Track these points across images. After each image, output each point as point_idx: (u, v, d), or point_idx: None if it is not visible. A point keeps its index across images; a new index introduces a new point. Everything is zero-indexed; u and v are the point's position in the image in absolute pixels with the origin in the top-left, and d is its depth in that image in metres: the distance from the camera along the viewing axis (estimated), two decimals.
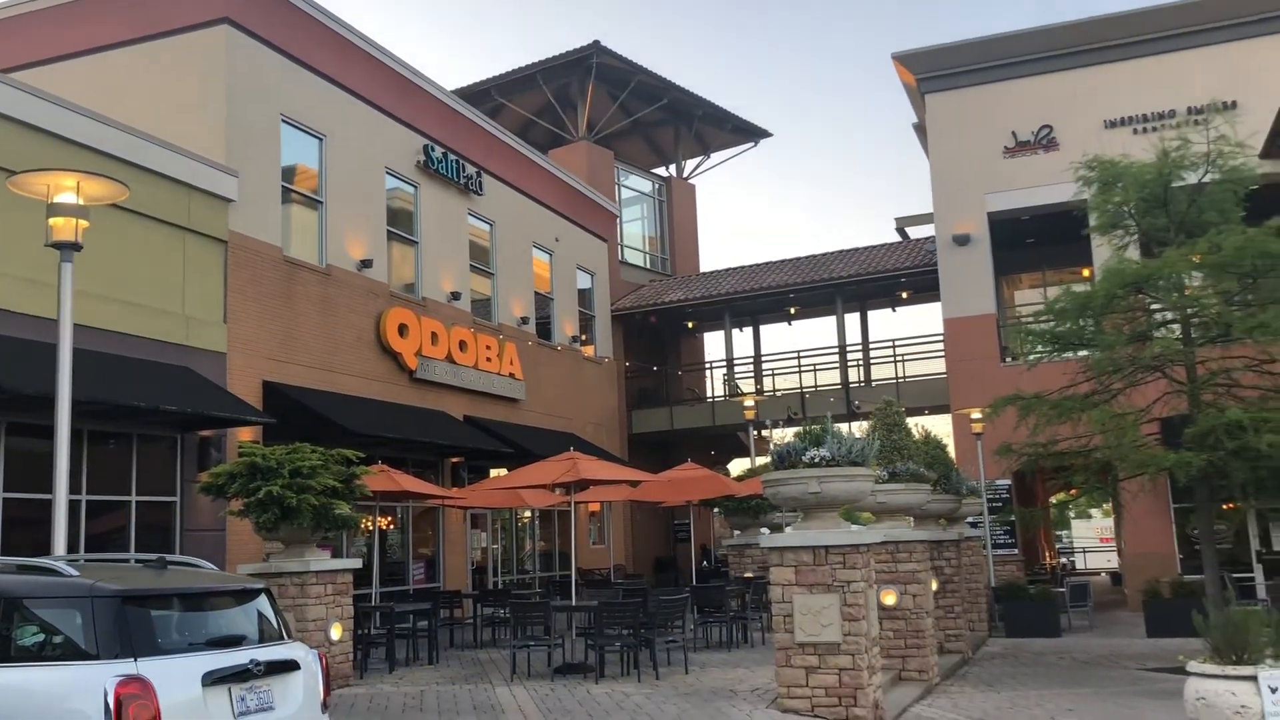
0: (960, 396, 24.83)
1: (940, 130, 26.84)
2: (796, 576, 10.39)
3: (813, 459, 10.14)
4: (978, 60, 26.41)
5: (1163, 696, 11.85)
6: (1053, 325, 15.14)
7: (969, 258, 25.97)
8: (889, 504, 13.13)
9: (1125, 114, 24.80)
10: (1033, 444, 15.06)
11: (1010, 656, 16.37)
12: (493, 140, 26.65)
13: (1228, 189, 14.40)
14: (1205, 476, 13.61)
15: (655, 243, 37.08)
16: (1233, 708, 8.95)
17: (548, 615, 14.24)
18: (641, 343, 34.32)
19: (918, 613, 13.19)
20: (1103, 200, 15.22)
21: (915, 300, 32.20)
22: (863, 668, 10.15)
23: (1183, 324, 14.48)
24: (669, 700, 11.57)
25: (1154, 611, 18.59)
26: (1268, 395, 14.00)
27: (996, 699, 12.18)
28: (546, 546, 28.14)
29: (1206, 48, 24.21)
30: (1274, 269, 13.67)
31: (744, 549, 21.73)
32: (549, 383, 27.48)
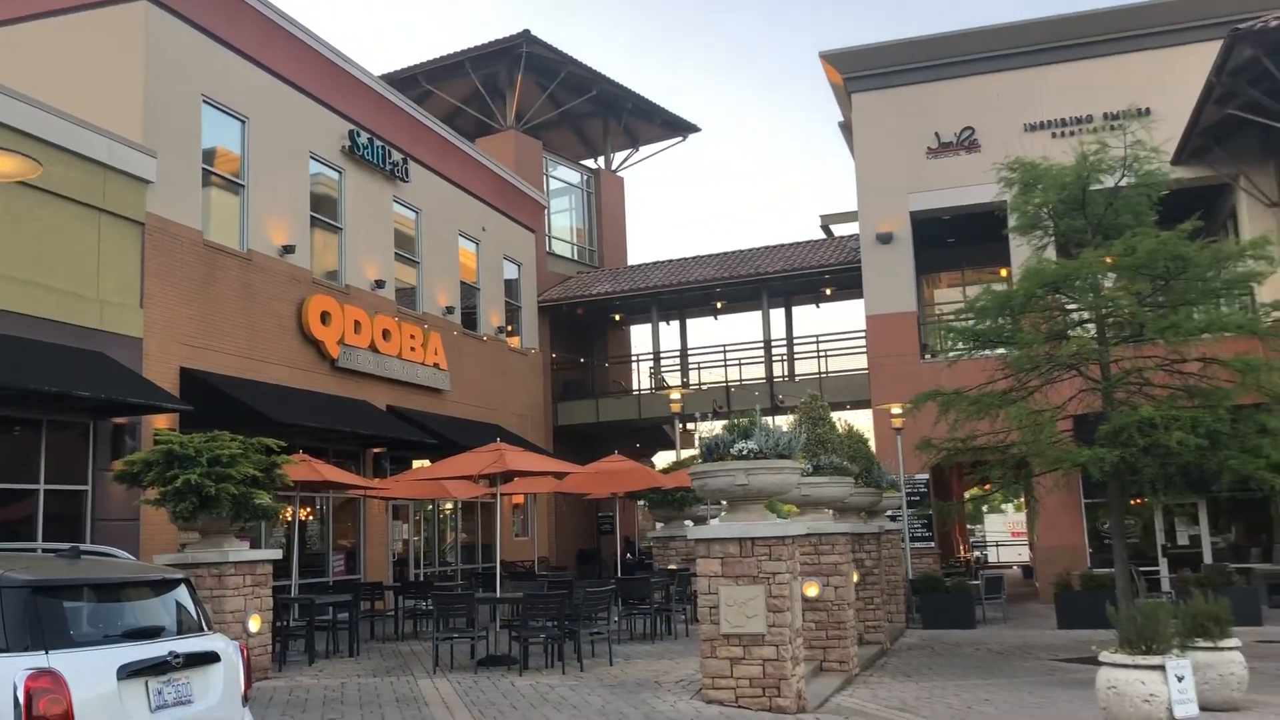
0: (881, 392, 25.22)
1: (865, 129, 27.19)
2: (723, 568, 10.45)
3: (741, 451, 10.20)
4: (903, 61, 26.81)
5: (1075, 686, 12.18)
6: (973, 323, 15.44)
7: (892, 256, 26.37)
8: (813, 497, 13.26)
9: (1045, 118, 25.38)
10: (952, 439, 15.34)
11: (927, 647, 16.67)
12: (420, 127, 26.33)
13: (1142, 193, 14.80)
14: (1117, 472, 14.00)
15: (583, 235, 37.01)
16: (1142, 696, 9.25)
17: (471, 607, 14.13)
18: (568, 335, 34.24)
19: (839, 604, 13.36)
20: (1023, 201, 15.54)
21: (839, 297, 32.60)
22: (786, 658, 10.26)
23: (1098, 324, 14.86)
24: (594, 691, 11.57)
25: (1065, 603, 19.10)
26: (1177, 394, 14.44)
27: (915, 689, 12.40)
28: (469, 539, 27.95)
29: (1123, 55, 24.89)
30: (1185, 272, 14.12)
31: (669, 541, 21.81)
32: (474, 374, 27.27)
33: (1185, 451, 13.00)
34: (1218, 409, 13.57)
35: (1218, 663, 10.55)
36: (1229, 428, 13.47)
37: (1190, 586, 15.53)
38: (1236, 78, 19.60)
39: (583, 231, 37.06)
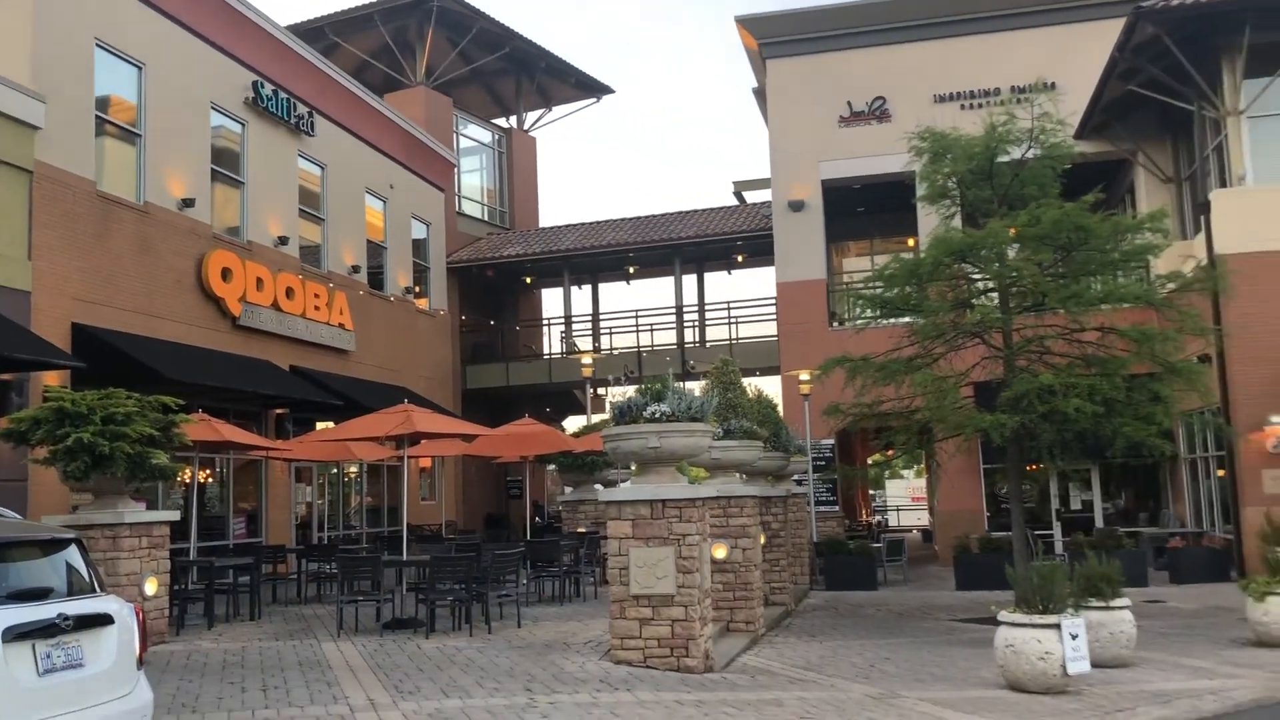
0: (790, 358, 25.48)
1: (779, 96, 27.27)
2: (634, 530, 10.45)
3: (653, 414, 10.19)
4: (818, 28, 26.90)
5: (973, 645, 12.50)
6: (882, 291, 15.62)
7: (803, 224, 26.57)
8: (723, 460, 13.33)
9: (954, 89, 25.74)
10: (859, 404, 15.55)
11: (831, 608, 16.98)
12: (327, 80, 25.62)
13: (1047, 165, 15.09)
14: (1017, 438, 14.35)
15: (494, 195, 36.53)
16: (1038, 654, 9.52)
17: (377, 570, 13.93)
18: (478, 297, 33.85)
19: (747, 566, 13.49)
20: (932, 171, 15.72)
21: (750, 264, 32.80)
22: (695, 619, 10.32)
23: (1001, 293, 15.15)
24: (501, 654, 11.51)
25: (963, 566, 19.61)
26: (1075, 363, 14.82)
27: (819, 648, 12.60)
28: (375, 502, 27.57)
29: (1030, 30, 25.33)
30: (1086, 243, 14.45)
31: (578, 505, 21.79)
32: (380, 335, 26.80)
33: (1082, 418, 13.35)
34: (1114, 377, 13.97)
35: (1109, 621, 10.92)
36: (1124, 395, 13.89)
37: (1084, 549, 16.05)
38: (1138, 55, 20.10)
39: (494, 192, 36.58)
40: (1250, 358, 18.62)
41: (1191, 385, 14.60)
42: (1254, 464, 18.56)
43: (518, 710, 8.71)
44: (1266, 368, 18.61)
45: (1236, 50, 19.24)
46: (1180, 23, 19.24)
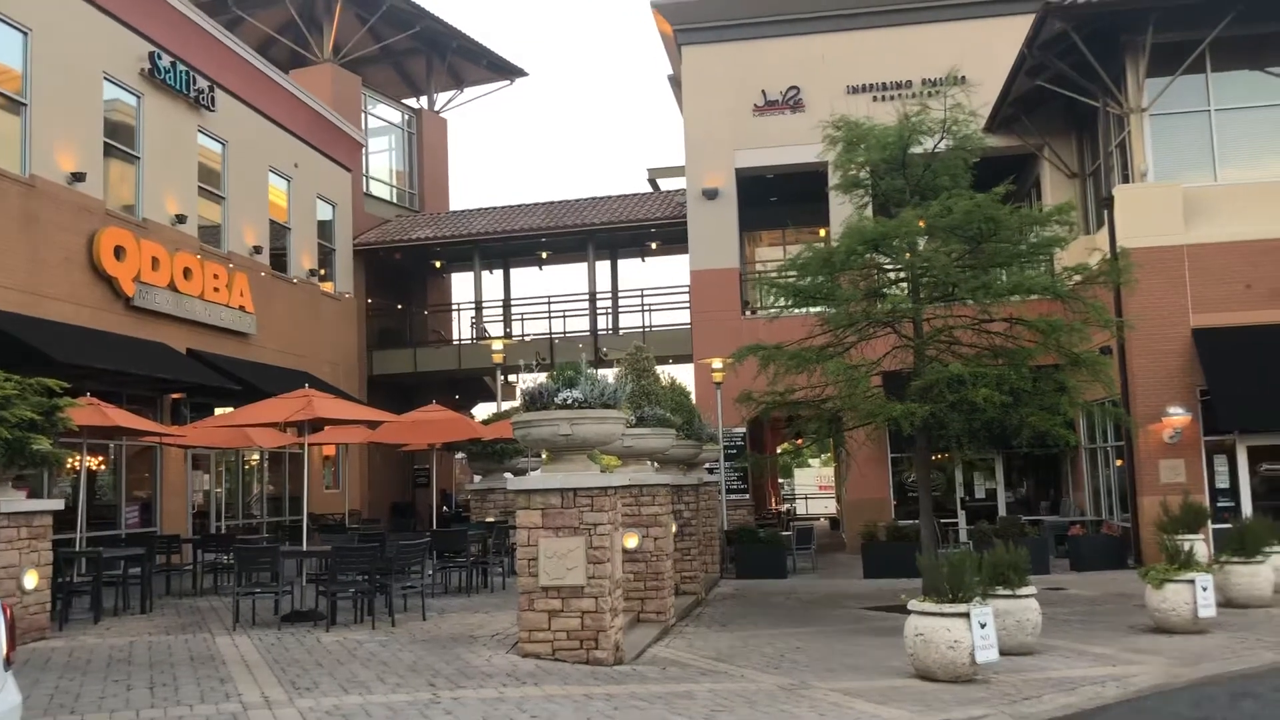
0: (703, 346, 25.42)
1: (694, 84, 27.13)
2: (544, 520, 10.19)
3: (565, 400, 9.94)
4: (733, 16, 26.81)
5: (882, 634, 12.53)
6: (796, 279, 15.58)
7: (717, 212, 26.51)
8: (635, 448, 13.12)
9: (867, 81, 25.89)
10: (772, 393, 15.49)
11: (741, 597, 16.94)
12: (229, 54, 24.70)
13: (959, 156, 15.19)
14: (926, 427, 14.42)
15: (403, 177, 35.76)
16: (947, 642, 9.52)
17: (276, 561, 13.40)
18: (385, 280, 33.13)
19: (658, 555, 13.33)
20: (846, 160, 15.71)
21: (664, 251, 32.68)
22: (605, 610, 10.11)
23: (912, 283, 15.22)
24: (405, 647, 11.16)
25: (871, 554, 19.77)
26: (983, 353, 14.98)
27: (730, 638, 12.50)
28: (276, 490, 26.79)
29: (942, 24, 25.58)
30: (996, 234, 14.58)
31: (487, 494, 21.44)
32: (283, 318, 26.01)
33: (990, 408, 13.46)
34: (1021, 368, 14.12)
35: (1015, 609, 11.00)
36: (1031, 386, 14.03)
37: (990, 537, 16.24)
38: (1047, 51, 20.39)
39: (403, 174, 35.80)
40: (1149, 350, 19.09)
41: (1095, 376, 14.85)
42: (1151, 454, 19.04)
43: (421, 706, 8.40)
44: (1164, 360, 19.11)
45: (1140, 49, 19.65)
46: (1087, 20, 19.57)
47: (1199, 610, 12.06)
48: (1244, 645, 11.28)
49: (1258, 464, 19.20)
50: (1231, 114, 20.16)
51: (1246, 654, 10.82)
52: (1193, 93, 20.11)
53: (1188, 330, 19.06)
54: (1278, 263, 18.95)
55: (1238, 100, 20.19)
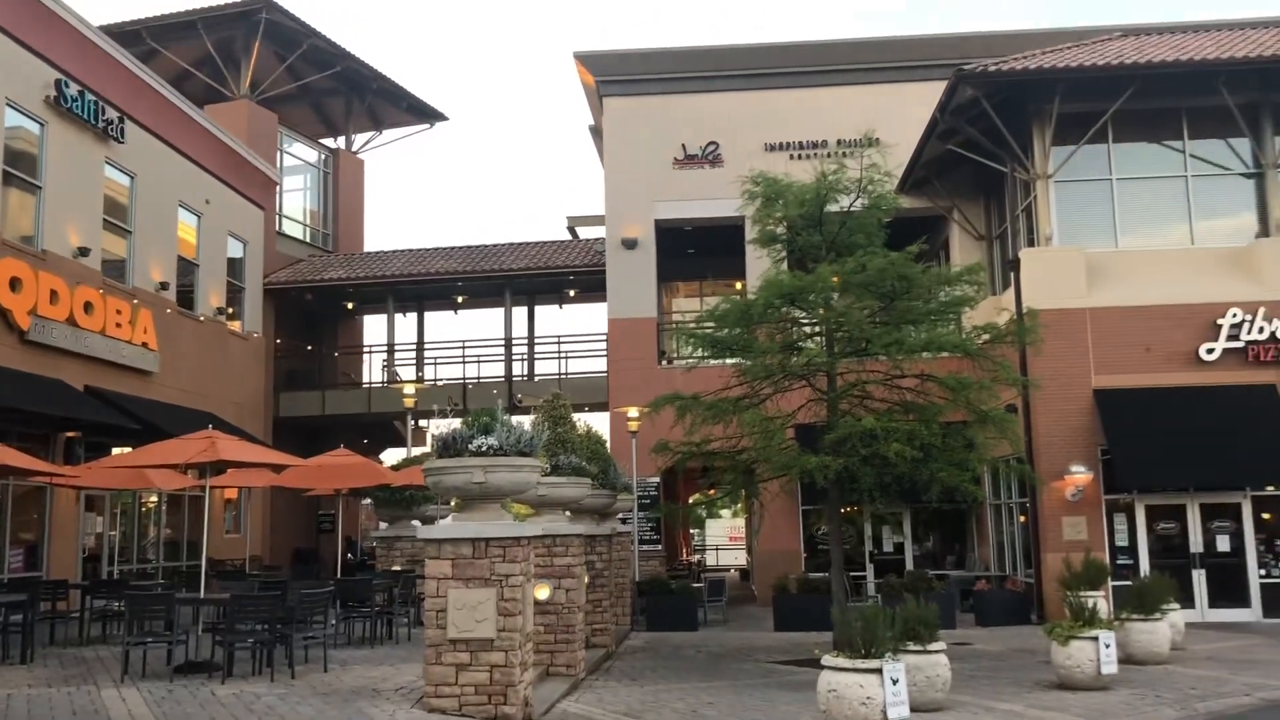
0: (619, 395, 25.36)
1: (615, 134, 27.33)
2: (453, 570, 9.94)
3: (480, 447, 9.75)
4: (654, 70, 27.15)
5: (794, 688, 12.46)
6: (713, 330, 15.66)
7: (635, 262, 26.61)
8: (549, 497, 12.97)
9: (784, 139, 26.35)
10: (688, 443, 15.49)
11: (652, 650, 16.76)
12: (141, 85, 24.15)
13: (874, 215, 15.51)
14: (839, 480, 14.53)
15: (318, 217, 35.22)
16: (860, 699, 9.49)
17: (170, 608, 12.87)
18: (296, 321, 32.47)
19: (570, 608, 13.13)
20: (765, 215, 15.93)
21: (582, 299, 32.63)
22: (515, 664, 9.88)
23: (827, 337, 15.41)
24: (304, 701, 10.76)
25: (782, 607, 19.75)
26: (894, 408, 15.20)
27: (641, 693, 12.33)
28: (174, 534, 25.85)
29: (857, 86, 26.20)
30: (909, 292, 14.89)
31: (394, 541, 20.96)
32: (188, 356, 25.27)
33: (902, 462, 13.63)
34: (931, 423, 14.36)
35: (926, 665, 11.04)
36: (940, 441, 14.27)
37: (900, 591, 16.34)
38: (958, 116, 21.01)
39: (317, 213, 35.26)
40: (1053, 409, 19.56)
41: (1002, 433, 15.16)
42: (1054, 511, 19.45)
43: None
44: (1067, 419, 19.59)
45: (1047, 118, 20.35)
46: (998, 88, 20.23)
47: (1102, 667, 12.25)
48: (1144, 702, 11.46)
49: (1155, 523, 19.74)
50: (1132, 183, 20.95)
51: (1148, 711, 10.99)
52: (1096, 162, 20.87)
53: (1090, 391, 19.59)
54: (1175, 327, 19.63)
55: (1138, 170, 21.00)
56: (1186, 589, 18.77)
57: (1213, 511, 19.57)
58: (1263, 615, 19.06)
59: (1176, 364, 19.54)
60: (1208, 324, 19.56)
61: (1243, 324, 19.45)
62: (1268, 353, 19.34)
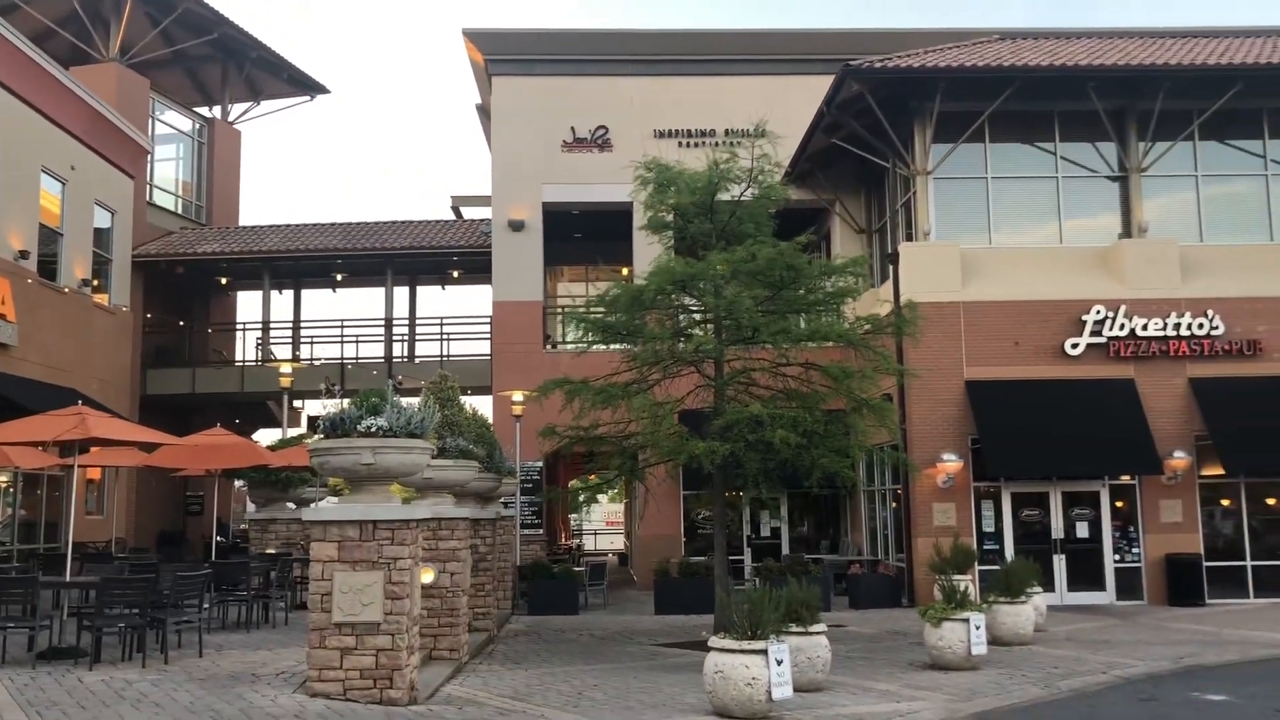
0: (503, 379, 25.19)
1: (504, 115, 27.06)
2: (340, 552, 9.75)
3: (369, 428, 9.57)
4: (545, 51, 26.98)
5: (677, 670, 12.62)
6: (604, 316, 15.68)
7: (522, 244, 26.43)
8: (435, 480, 12.80)
9: (674, 126, 26.48)
10: (575, 427, 15.50)
11: (534, 634, 16.74)
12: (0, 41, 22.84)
13: (764, 205, 15.74)
14: (725, 466, 14.75)
15: (191, 188, 33.94)
16: (745, 679, 9.67)
17: (32, 592, 12.29)
18: (165, 295, 31.26)
19: (454, 591, 13.01)
20: (656, 201, 16.00)
21: (466, 280, 32.28)
22: (402, 648, 9.75)
23: (716, 324, 15.59)
24: (180, 687, 10.42)
25: (663, 590, 19.96)
26: (779, 396, 15.48)
27: (525, 676, 12.31)
28: (31, 515, 24.65)
29: (746, 77, 26.47)
30: (796, 282, 15.16)
31: (268, 524, 20.48)
32: (49, 330, 24.08)
33: (785, 449, 13.90)
34: (814, 410, 14.68)
35: (807, 646, 11.30)
36: (823, 428, 14.60)
37: (777, 574, 16.67)
38: (844, 111, 21.46)
39: (191, 185, 33.98)
40: (927, 399, 20.21)
41: (880, 422, 15.61)
42: (926, 497, 20.11)
43: None
44: (940, 409, 20.26)
45: (929, 116, 20.94)
46: (882, 84, 20.72)
47: (972, 648, 12.73)
48: (1012, 681, 11.97)
49: (1020, 510, 20.58)
50: (1006, 182, 21.74)
51: (1015, 689, 11.48)
52: (973, 160, 21.58)
53: (962, 382, 20.30)
54: (1042, 322, 20.47)
55: (1012, 170, 21.80)
56: (1048, 573, 19.66)
57: (1073, 499, 20.53)
58: (1116, 598, 20.09)
59: (1043, 357, 20.39)
60: (1073, 320, 20.45)
61: (1105, 320, 20.40)
62: (1127, 349, 20.33)
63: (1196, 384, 20.25)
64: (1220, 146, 21.98)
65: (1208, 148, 21.86)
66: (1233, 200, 21.94)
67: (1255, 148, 21.98)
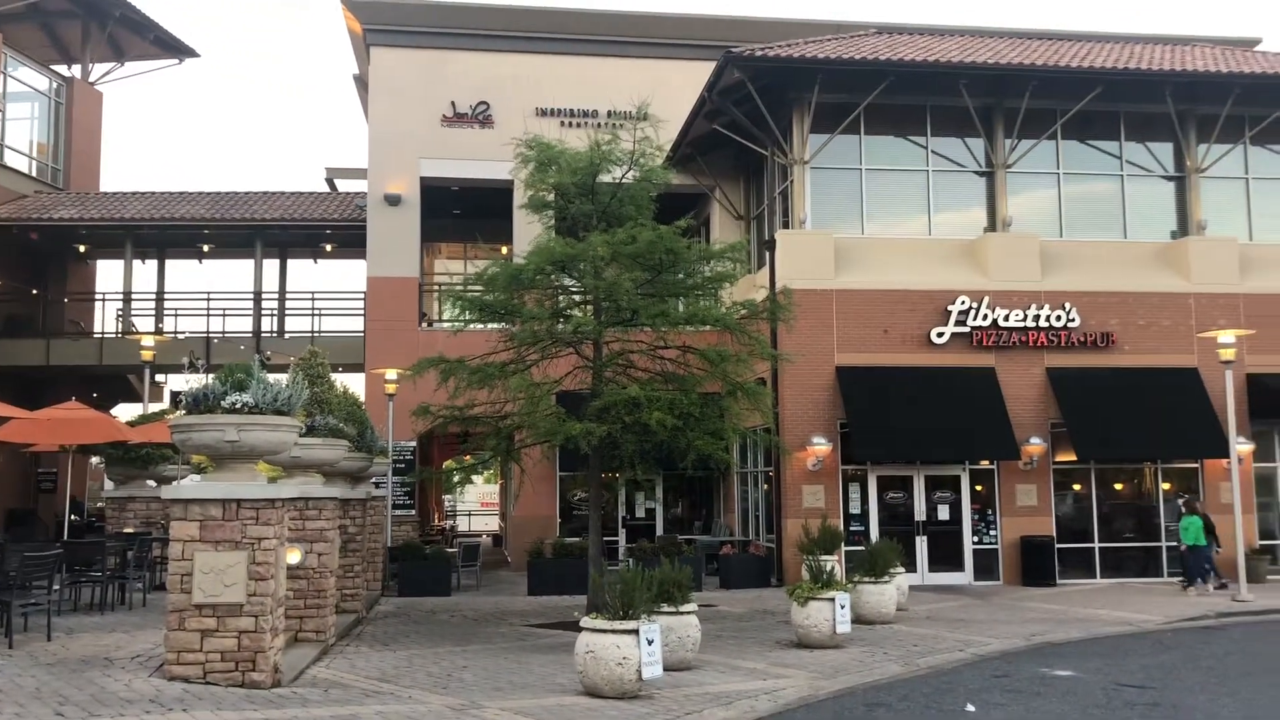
0: (377, 356, 24.71)
1: (382, 87, 26.48)
2: (201, 532, 9.45)
3: (234, 404, 9.28)
4: (426, 23, 26.46)
5: (549, 650, 12.64)
6: (482, 294, 15.51)
7: (398, 219, 25.93)
8: (304, 459, 12.50)
9: (556, 105, 26.32)
10: (451, 407, 15.31)
11: (404, 615, 16.54)
12: None
13: (645, 188, 15.76)
14: (601, 447, 14.77)
15: (47, 150, 32.23)
16: (616, 659, 9.74)
17: None
18: (17, 262, 29.69)
19: (321, 572, 12.75)
20: (537, 180, 15.87)
21: (340, 254, 31.51)
22: (265, 630, 9.52)
23: (596, 306, 15.57)
24: (27, 671, 9.97)
25: (536, 571, 19.95)
26: (656, 378, 15.57)
27: (394, 658, 12.16)
28: None
29: (630, 59, 26.46)
30: (675, 265, 15.26)
31: (126, 503, 19.69)
32: None
33: (662, 431, 13.99)
34: (691, 393, 14.81)
35: (678, 625, 11.44)
36: (699, 411, 14.74)
37: (652, 555, 16.81)
38: (725, 97, 21.63)
39: (46, 146, 32.27)
40: (800, 384, 20.60)
41: (755, 405, 15.84)
42: (796, 480, 20.53)
43: None
44: (812, 393, 20.69)
45: (806, 106, 21.27)
46: (762, 72, 20.95)
47: (837, 626, 13.08)
48: (874, 659, 12.34)
49: (885, 492, 21.20)
50: (879, 174, 22.26)
51: (877, 667, 11.84)
52: (849, 151, 22.03)
53: (833, 367, 20.76)
54: (910, 311, 21.07)
55: (885, 162, 22.33)
56: (911, 554, 20.35)
57: (936, 483, 21.24)
58: (974, 578, 20.89)
59: (911, 345, 21.00)
60: (939, 309, 21.11)
61: (969, 311, 21.11)
62: (989, 338, 21.09)
63: (1053, 374, 21.15)
64: (1081, 146, 22.93)
65: (1069, 147, 22.78)
66: (1091, 198, 22.92)
67: (1113, 149, 22.99)
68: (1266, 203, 23.18)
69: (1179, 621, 15.87)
